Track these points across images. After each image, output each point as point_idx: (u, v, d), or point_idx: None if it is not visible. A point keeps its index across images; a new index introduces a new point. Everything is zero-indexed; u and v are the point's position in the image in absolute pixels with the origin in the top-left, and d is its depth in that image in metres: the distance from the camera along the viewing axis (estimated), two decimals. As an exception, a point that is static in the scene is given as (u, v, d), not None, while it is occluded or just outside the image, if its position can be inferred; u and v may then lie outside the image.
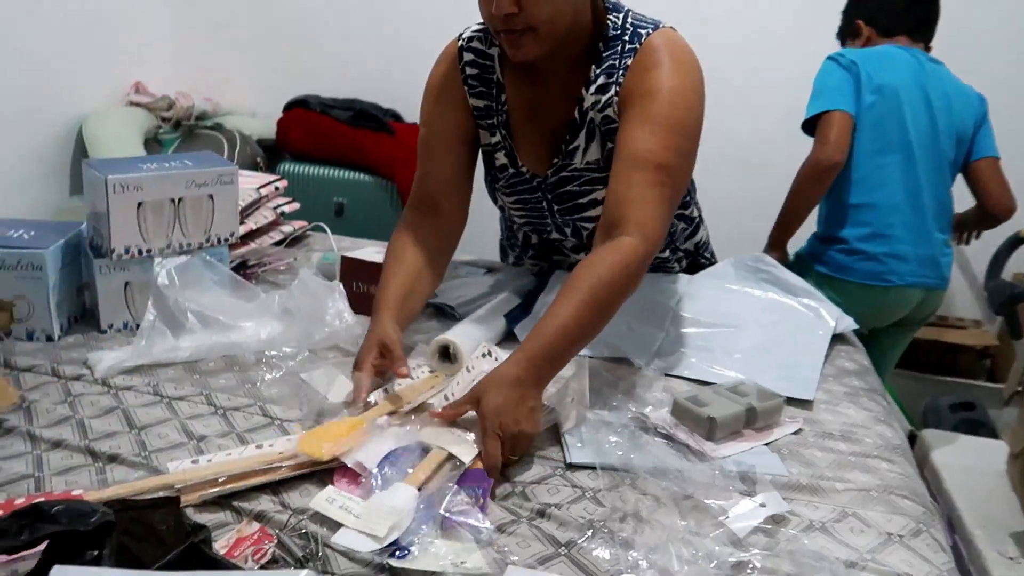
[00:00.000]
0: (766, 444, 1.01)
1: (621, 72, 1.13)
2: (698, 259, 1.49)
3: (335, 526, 0.77)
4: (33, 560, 0.67)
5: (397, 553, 0.73)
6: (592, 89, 1.15)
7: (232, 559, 0.69)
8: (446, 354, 1.11)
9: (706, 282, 1.41)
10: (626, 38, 1.14)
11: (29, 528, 0.48)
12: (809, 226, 1.99)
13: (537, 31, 1.05)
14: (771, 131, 2.47)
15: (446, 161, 1.23)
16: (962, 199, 1.96)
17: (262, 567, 0.71)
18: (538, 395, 0.95)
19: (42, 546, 0.54)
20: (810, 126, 1.87)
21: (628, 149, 1.08)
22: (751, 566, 0.74)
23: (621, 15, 1.15)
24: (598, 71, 1.14)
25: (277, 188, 1.64)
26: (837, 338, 1.34)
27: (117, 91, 2.62)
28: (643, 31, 1.14)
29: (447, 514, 0.77)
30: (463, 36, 1.24)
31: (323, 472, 0.86)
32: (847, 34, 2.04)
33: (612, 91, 1.13)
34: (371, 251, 1.38)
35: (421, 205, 1.23)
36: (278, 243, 1.60)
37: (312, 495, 0.82)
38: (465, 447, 0.89)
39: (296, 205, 1.71)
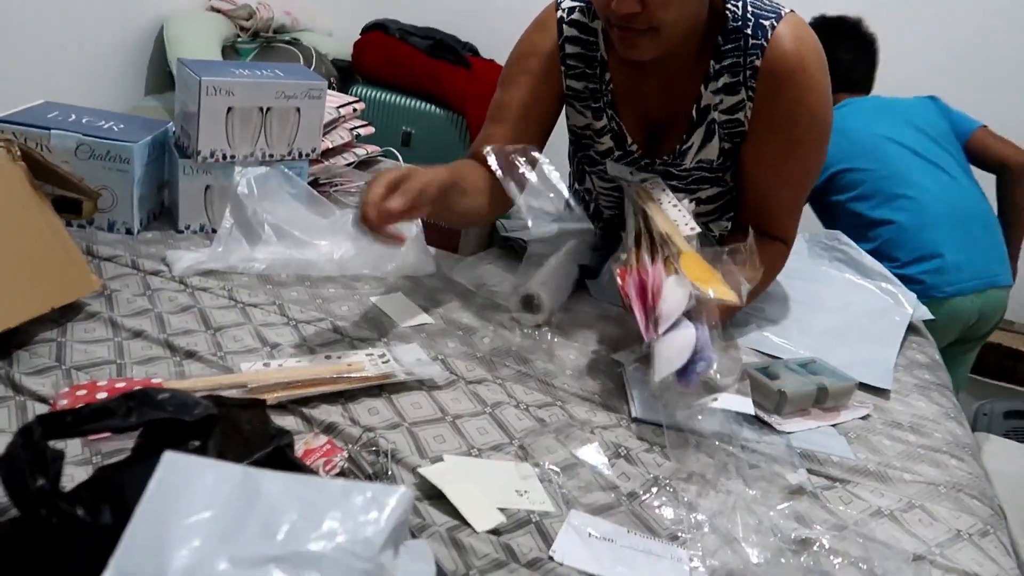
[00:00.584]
0: (833, 425, 0.99)
1: (750, 74, 1.05)
2: None
3: (404, 445, 0.77)
4: (115, 442, 0.69)
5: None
6: (713, 88, 1.08)
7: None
8: (529, 303, 1.10)
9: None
10: (748, 31, 1.04)
11: (137, 411, 0.49)
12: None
13: (659, 32, 0.98)
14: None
15: (516, 131, 1.15)
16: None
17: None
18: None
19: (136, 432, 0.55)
20: None
21: (777, 170, 1.11)
22: (818, 544, 0.73)
23: (740, 4, 1.05)
24: (718, 67, 1.06)
25: (355, 110, 1.63)
26: (909, 329, 1.30)
27: (200, -5, 2.61)
28: (766, 22, 1.04)
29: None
30: (562, 6, 1.14)
31: (392, 388, 0.86)
32: None
33: (742, 95, 1.06)
34: (446, 183, 1.37)
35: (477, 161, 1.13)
36: (349, 164, 1.60)
37: (380, 413, 0.83)
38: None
39: (371, 129, 1.70)
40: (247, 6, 2.58)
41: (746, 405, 0.90)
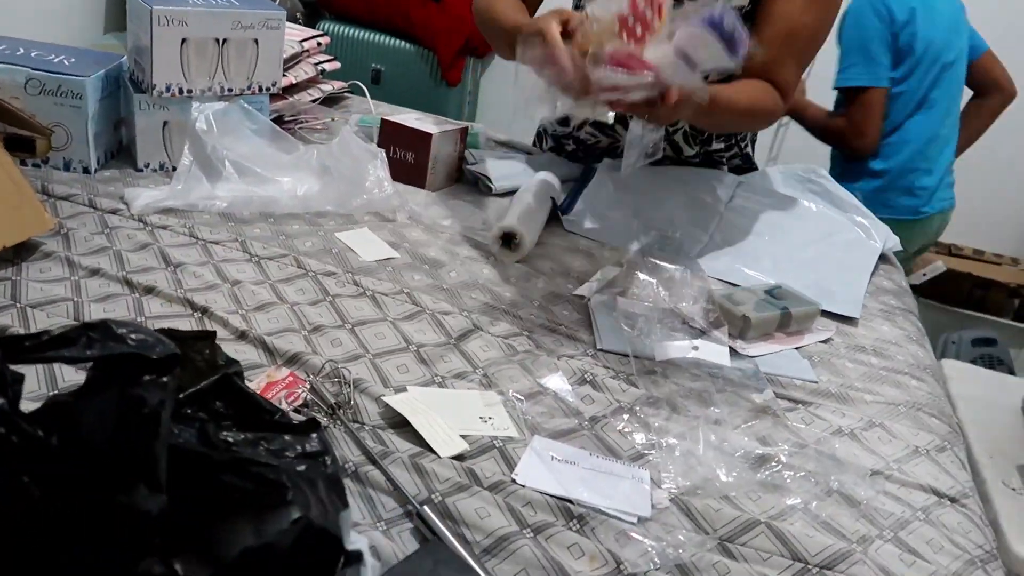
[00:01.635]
0: (796, 348, 1.00)
1: None
2: (741, 157, 1.44)
3: (366, 376, 0.77)
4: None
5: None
6: None
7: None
8: (508, 240, 1.09)
9: (755, 188, 1.38)
10: None
11: (99, 343, 0.48)
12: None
13: None
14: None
15: None
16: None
17: (295, 410, 0.72)
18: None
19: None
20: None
21: (787, 19, 1.15)
22: (776, 460, 0.75)
23: None
24: None
25: (319, 44, 1.58)
26: (879, 258, 1.31)
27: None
28: None
29: None
30: None
31: (356, 321, 0.86)
32: None
33: None
34: (411, 117, 1.34)
35: None
36: (314, 100, 1.56)
37: (343, 344, 0.82)
38: None
39: (337, 64, 1.65)
40: (206, -61, 2.48)
41: (723, 355, 0.91)
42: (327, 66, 1.62)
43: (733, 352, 0.94)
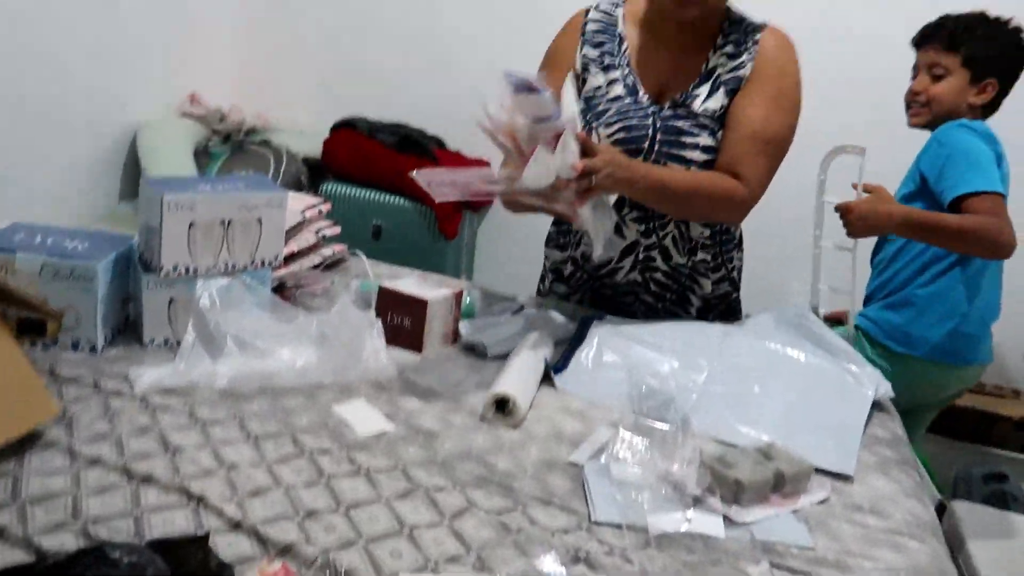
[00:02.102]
0: (793, 511, 1.00)
1: (753, 45, 1.39)
2: (728, 281, 1.57)
3: (359, 564, 0.77)
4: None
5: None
6: (719, 53, 1.40)
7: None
8: (501, 405, 1.12)
9: (747, 336, 1.41)
10: (746, 23, 1.42)
11: (93, 568, 0.49)
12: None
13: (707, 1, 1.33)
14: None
15: None
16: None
17: (286, 604, 0.72)
18: (623, 177, 1.24)
19: None
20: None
21: (751, 121, 1.36)
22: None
23: (735, 7, 1.44)
24: (722, 42, 1.40)
25: (320, 211, 1.66)
26: (872, 405, 1.32)
27: (173, 101, 2.69)
28: (757, 22, 1.42)
29: None
30: (593, 6, 1.50)
31: (351, 502, 0.87)
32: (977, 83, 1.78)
33: (744, 57, 1.39)
34: (409, 282, 1.39)
35: None
36: (316, 266, 1.63)
37: (336, 530, 0.83)
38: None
39: (337, 229, 1.73)
40: (219, 111, 2.67)
41: (717, 526, 0.92)
42: (328, 231, 1.70)
43: (727, 519, 0.94)
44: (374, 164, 2.59)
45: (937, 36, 1.81)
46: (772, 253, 2.33)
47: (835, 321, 2.03)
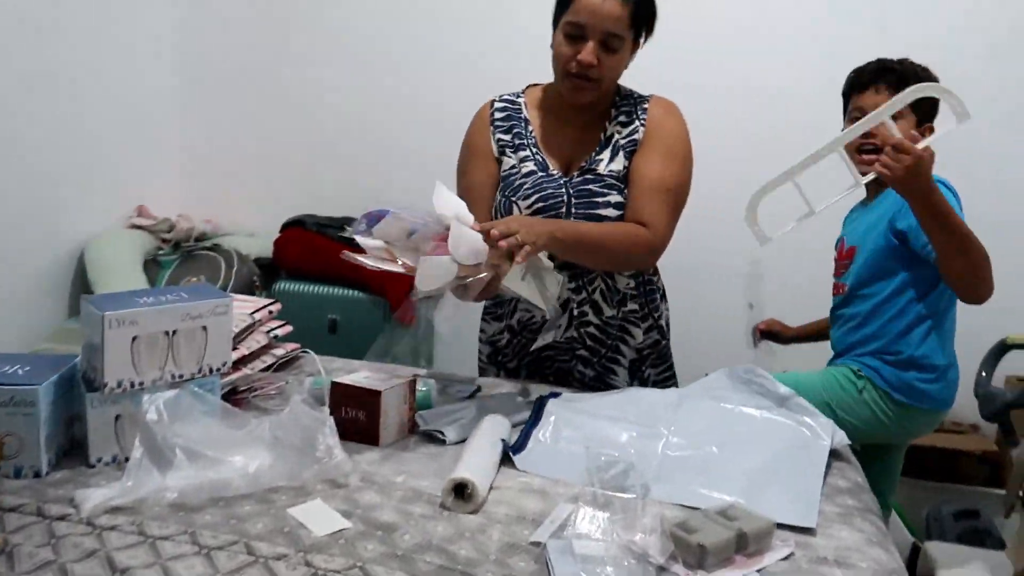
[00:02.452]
0: (758, 571, 0.99)
1: (642, 113, 1.60)
2: (656, 329, 1.69)
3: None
4: None
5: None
6: (614, 123, 1.60)
7: None
8: (460, 491, 1.11)
9: (702, 399, 1.43)
10: (634, 96, 1.64)
11: None
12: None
13: (601, 83, 1.52)
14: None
15: (484, 208, 1.60)
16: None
17: None
18: (544, 231, 1.39)
19: None
20: None
21: (648, 175, 1.54)
22: None
23: (624, 85, 1.65)
24: (616, 113, 1.61)
25: (271, 312, 1.66)
26: (830, 453, 1.33)
27: (121, 214, 2.70)
28: (644, 94, 1.63)
29: None
30: (496, 99, 1.68)
31: (307, 616, 0.84)
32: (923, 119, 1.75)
33: (636, 123, 1.59)
34: (361, 376, 1.39)
35: None
36: (268, 367, 1.61)
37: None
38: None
39: (289, 328, 1.73)
40: (167, 220, 2.68)
41: None
42: (280, 332, 1.69)
43: (694, 587, 0.94)
44: (325, 259, 2.61)
45: (884, 79, 1.77)
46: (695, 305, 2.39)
47: (771, 335, 2.08)
